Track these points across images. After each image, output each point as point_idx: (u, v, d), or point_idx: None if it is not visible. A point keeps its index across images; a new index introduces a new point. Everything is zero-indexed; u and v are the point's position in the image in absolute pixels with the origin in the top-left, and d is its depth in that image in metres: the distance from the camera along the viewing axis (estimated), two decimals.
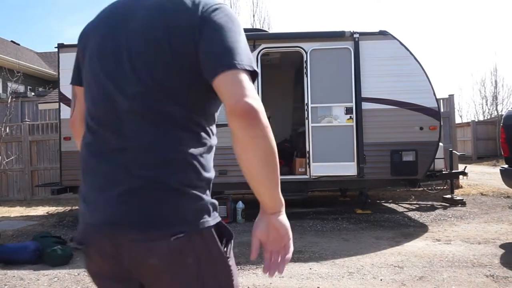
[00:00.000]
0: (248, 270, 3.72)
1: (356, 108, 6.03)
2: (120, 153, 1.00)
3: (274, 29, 20.89)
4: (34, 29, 51.84)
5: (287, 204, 1.13)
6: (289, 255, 1.07)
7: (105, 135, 1.03)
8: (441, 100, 8.93)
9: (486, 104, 24.88)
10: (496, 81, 23.99)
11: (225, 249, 1.03)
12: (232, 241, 1.07)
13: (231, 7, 23.16)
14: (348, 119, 6.06)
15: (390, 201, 7.54)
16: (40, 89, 15.61)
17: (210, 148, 1.09)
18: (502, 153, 4.81)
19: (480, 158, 17.71)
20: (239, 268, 3.78)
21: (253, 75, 0.98)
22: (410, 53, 6.06)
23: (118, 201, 0.97)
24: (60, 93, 6.36)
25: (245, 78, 0.94)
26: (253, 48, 6.18)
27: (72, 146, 6.28)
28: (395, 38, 6.09)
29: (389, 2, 47.17)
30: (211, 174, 1.07)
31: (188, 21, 0.98)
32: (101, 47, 1.06)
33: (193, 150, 1.01)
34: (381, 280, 3.36)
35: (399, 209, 6.75)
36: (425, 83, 6.02)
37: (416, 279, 3.34)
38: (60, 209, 7.89)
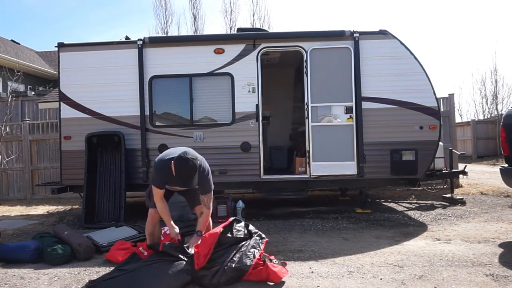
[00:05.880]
0: None
1: (356, 108, 6.04)
2: None
3: (274, 28, 20.94)
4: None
5: (287, 203, 1.16)
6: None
7: None
8: (441, 99, 8.94)
9: (486, 103, 24.81)
10: (496, 80, 23.91)
11: None
12: None
13: (231, 6, 22.90)
14: (348, 118, 6.06)
15: (390, 201, 7.54)
16: (40, 88, 15.60)
17: None
18: (502, 152, 4.82)
19: (480, 157, 17.73)
20: None
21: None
22: (410, 52, 6.06)
23: None
24: (60, 92, 6.36)
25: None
26: (253, 47, 6.19)
27: (72, 145, 6.29)
28: (395, 38, 6.10)
29: (389, 1, 47.15)
30: None
31: None
32: None
33: None
34: (381, 279, 3.36)
35: (399, 208, 6.76)
36: (425, 82, 6.02)
37: (416, 278, 3.35)
38: (61, 208, 7.89)
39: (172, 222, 3.70)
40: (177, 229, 3.69)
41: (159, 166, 3.60)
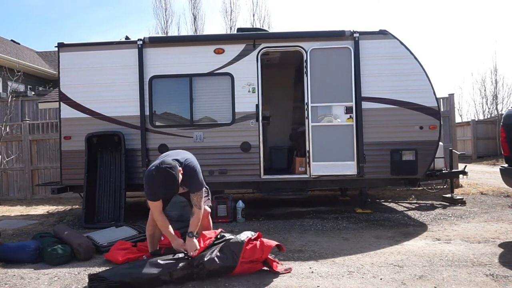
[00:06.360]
0: None
1: (356, 108, 6.04)
2: None
3: (274, 28, 20.95)
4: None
5: (287, 203, 1.17)
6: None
7: None
8: (441, 99, 8.94)
9: (486, 103, 24.82)
10: (496, 80, 23.92)
11: None
12: None
13: (231, 6, 22.91)
14: (348, 118, 6.07)
15: (390, 201, 7.55)
16: (40, 88, 15.60)
17: None
18: (502, 152, 4.82)
19: (480, 157, 17.74)
20: None
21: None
22: (410, 52, 6.07)
23: None
24: (60, 92, 6.36)
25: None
26: (253, 47, 6.19)
27: (72, 145, 6.29)
28: (395, 38, 6.10)
29: (389, 1, 47.16)
30: None
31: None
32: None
33: None
34: (381, 279, 3.36)
35: (399, 208, 6.76)
36: (425, 82, 6.03)
37: (416, 278, 3.35)
38: (61, 208, 7.90)
39: (173, 234, 3.56)
40: (180, 241, 3.55)
41: (145, 178, 3.53)
